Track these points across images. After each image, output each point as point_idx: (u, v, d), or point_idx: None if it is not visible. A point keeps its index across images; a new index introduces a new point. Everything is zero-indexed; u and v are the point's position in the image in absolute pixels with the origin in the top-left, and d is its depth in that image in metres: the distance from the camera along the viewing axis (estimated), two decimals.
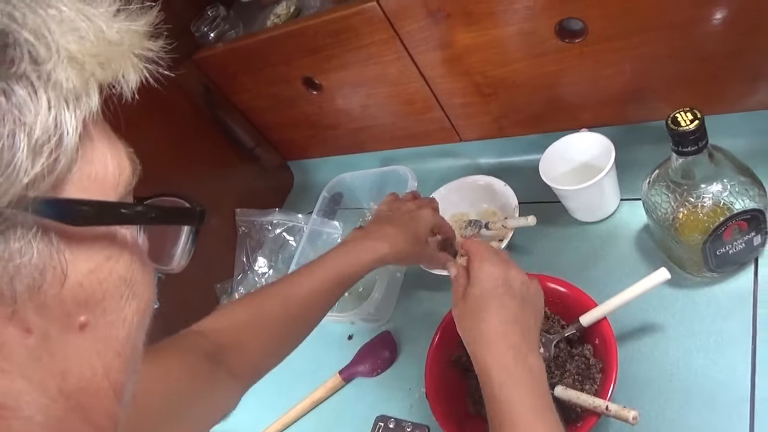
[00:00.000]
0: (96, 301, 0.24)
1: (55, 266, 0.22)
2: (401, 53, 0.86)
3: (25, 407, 0.22)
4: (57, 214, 0.22)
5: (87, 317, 0.24)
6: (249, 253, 1.12)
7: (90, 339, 0.24)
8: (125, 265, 0.26)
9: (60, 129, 0.22)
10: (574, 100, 0.84)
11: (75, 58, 0.22)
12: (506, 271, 0.61)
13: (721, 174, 0.61)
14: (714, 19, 0.66)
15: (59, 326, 0.23)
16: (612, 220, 0.83)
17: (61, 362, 0.23)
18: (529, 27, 0.75)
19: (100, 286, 0.24)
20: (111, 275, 0.25)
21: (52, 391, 0.23)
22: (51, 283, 0.22)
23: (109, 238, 0.25)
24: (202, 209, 0.30)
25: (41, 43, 0.21)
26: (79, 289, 0.24)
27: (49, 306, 0.23)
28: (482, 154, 1.03)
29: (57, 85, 0.22)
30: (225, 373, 0.60)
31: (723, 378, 0.63)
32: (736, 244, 0.65)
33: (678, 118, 0.57)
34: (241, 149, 1.19)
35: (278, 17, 0.99)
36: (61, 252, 0.23)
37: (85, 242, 0.24)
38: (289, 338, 0.68)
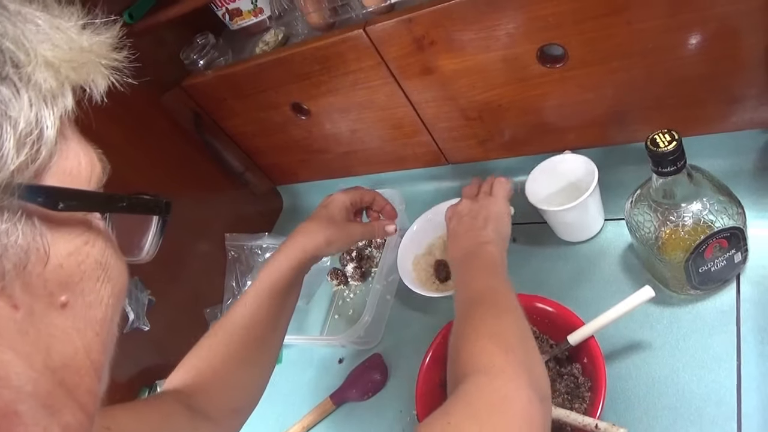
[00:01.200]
0: (75, 283, 0.27)
1: (38, 248, 0.25)
2: (388, 79, 0.88)
3: (15, 378, 0.24)
4: (39, 200, 0.25)
5: (67, 297, 0.26)
6: (239, 278, 1.12)
7: (71, 318, 0.27)
8: (100, 250, 0.28)
9: (40, 123, 0.25)
10: (558, 123, 0.86)
11: (51, 63, 0.25)
12: (454, 208, 0.76)
13: (701, 193, 0.63)
14: (687, 45, 0.68)
15: (43, 304, 0.25)
16: (597, 240, 0.85)
17: (46, 338, 0.25)
18: (511, 53, 0.77)
19: (79, 268, 0.27)
20: (88, 258, 0.27)
21: (38, 365, 0.25)
22: (35, 263, 0.25)
23: (85, 224, 0.28)
24: (168, 201, 0.33)
25: (21, 50, 0.24)
26: (60, 271, 0.26)
27: (33, 285, 0.25)
28: (469, 177, 1.04)
29: (36, 85, 0.25)
30: (201, 418, 0.61)
31: (709, 394, 0.64)
32: (717, 262, 0.66)
33: (657, 139, 0.59)
34: (230, 174, 1.20)
35: (267, 45, 1.00)
36: (43, 235, 0.25)
37: (63, 227, 0.26)
38: (250, 366, 0.67)
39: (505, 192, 0.75)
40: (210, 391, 0.63)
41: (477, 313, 0.55)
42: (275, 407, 0.96)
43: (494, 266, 0.64)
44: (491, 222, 0.70)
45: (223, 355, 0.65)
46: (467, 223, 0.71)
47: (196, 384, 0.63)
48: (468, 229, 0.70)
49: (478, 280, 0.61)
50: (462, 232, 0.70)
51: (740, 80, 0.70)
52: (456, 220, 0.74)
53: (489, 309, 0.56)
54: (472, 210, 0.73)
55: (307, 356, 1.01)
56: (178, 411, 0.59)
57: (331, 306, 1.05)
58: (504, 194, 0.74)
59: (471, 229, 0.70)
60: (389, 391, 0.87)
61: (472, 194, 0.76)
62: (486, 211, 0.71)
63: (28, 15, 0.26)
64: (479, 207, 0.72)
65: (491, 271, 0.63)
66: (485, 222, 0.70)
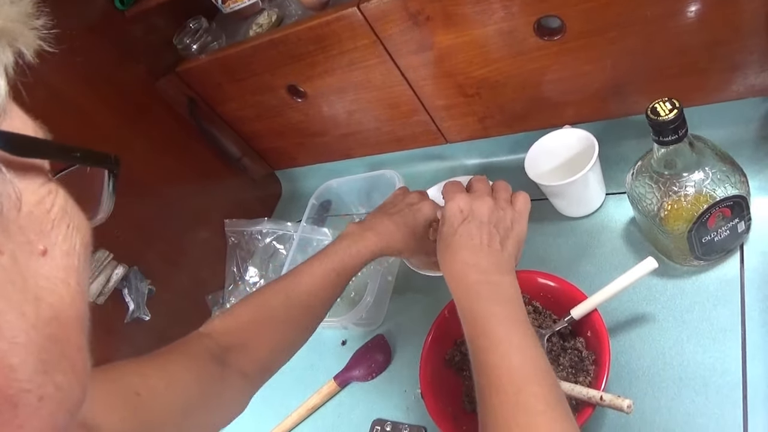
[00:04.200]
0: (48, 230, 0.27)
1: (9, 193, 0.25)
2: (384, 57, 0.87)
3: (8, 328, 0.24)
4: (5, 145, 0.25)
5: (45, 245, 0.27)
6: (239, 264, 1.12)
7: (53, 266, 0.27)
8: (63, 198, 0.29)
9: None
10: (557, 97, 0.85)
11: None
12: (471, 202, 0.60)
13: (703, 162, 0.62)
14: (687, 12, 0.67)
15: (24, 252, 0.26)
16: (599, 215, 0.84)
17: (33, 288, 0.26)
18: (508, 26, 0.76)
19: (48, 216, 0.27)
20: (54, 207, 0.28)
21: (30, 316, 0.25)
22: (9, 208, 0.25)
23: (45, 175, 0.28)
24: (117, 156, 0.33)
25: None
26: (32, 218, 0.26)
27: (11, 231, 0.25)
28: (468, 155, 1.04)
29: None
30: (234, 373, 0.61)
31: (715, 364, 0.63)
32: (720, 231, 0.66)
33: (657, 108, 0.58)
34: (228, 160, 1.19)
35: (260, 27, 0.99)
36: (11, 182, 0.25)
37: (27, 175, 0.27)
38: (295, 334, 0.70)
39: (528, 210, 0.64)
40: (252, 348, 0.64)
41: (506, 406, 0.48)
42: (280, 390, 0.96)
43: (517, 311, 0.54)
44: (513, 243, 0.60)
45: (275, 317, 0.66)
46: (486, 234, 0.58)
47: (239, 337, 0.63)
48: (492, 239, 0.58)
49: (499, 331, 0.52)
50: (484, 239, 0.57)
51: (740, 47, 0.69)
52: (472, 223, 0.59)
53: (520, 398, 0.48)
54: (493, 217, 0.60)
55: (311, 339, 1.00)
56: (211, 368, 0.59)
57: None
58: (527, 213, 0.63)
59: (492, 248, 0.57)
60: (393, 370, 0.87)
61: (487, 193, 0.62)
62: (508, 226, 0.60)
63: None
64: (503, 217, 0.60)
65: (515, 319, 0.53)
66: (505, 241, 0.59)
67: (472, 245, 0.57)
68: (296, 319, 0.68)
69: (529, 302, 0.75)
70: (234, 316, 0.65)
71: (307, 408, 0.89)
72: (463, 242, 0.58)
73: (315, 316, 0.71)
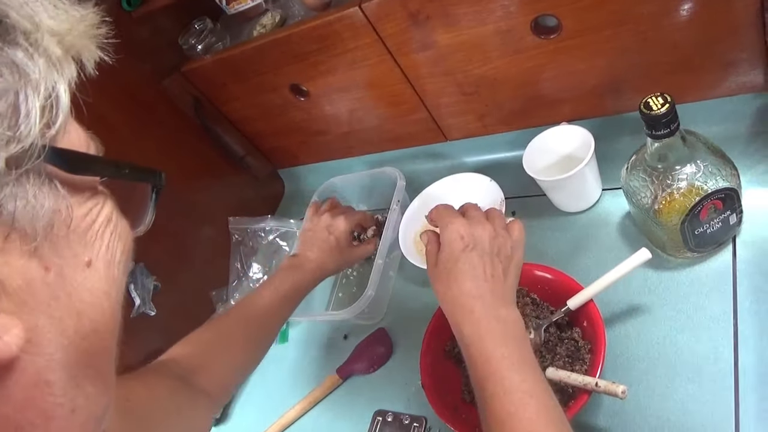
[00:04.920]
0: (92, 241, 0.28)
1: (61, 209, 0.26)
2: (385, 56, 0.89)
3: (47, 345, 0.24)
4: (61, 163, 0.25)
5: (89, 256, 0.27)
6: (243, 260, 1.14)
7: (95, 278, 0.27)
8: (109, 210, 0.29)
9: (56, 88, 0.25)
10: (554, 95, 0.87)
11: (54, 32, 0.26)
12: (472, 228, 0.58)
13: (695, 156, 0.64)
14: (681, 10, 0.69)
15: (71, 265, 0.26)
16: (595, 210, 0.86)
17: (77, 303, 0.26)
18: (506, 25, 0.78)
19: (93, 228, 0.28)
20: (100, 216, 0.28)
21: (69, 332, 0.25)
22: (60, 224, 0.26)
23: (94, 188, 0.29)
24: (162, 172, 0.34)
25: (26, 19, 0.25)
26: (79, 230, 0.27)
27: (60, 246, 0.26)
28: (468, 153, 1.05)
29: (46, 52, 0.25)
30: (199, 393, 0.65)
31: (707, 352, 0.65)
32: (713, 224, 0.67)
33: (650, 102, 0.60)
34: (232, 159, 1.21)
35: (264, 27, 1.01)
36: (65, 198, 0.26)
37: (78, 190, 0.27)
38: (251, 354, 0.77)
39: (523, 239, 0.61)
40: (212, 369, 0.69)
41: None
42: (283, 383, 0.98)
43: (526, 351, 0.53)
44: (514, 271, 0.58)
45: (227, 342, 0.73)
46: (489, 264, 0.56)
47: (200, 360, 0.68)
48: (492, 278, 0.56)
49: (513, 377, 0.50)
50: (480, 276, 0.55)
51: (732, 44, 0.71)
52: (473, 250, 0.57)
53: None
54: (495, 245, 0.58)
55: (313, 334, 1.03)
56: (180, 385, 0.64)
57: (335, 284, 1.07)
58: (523, 242, 0.61)
59: (495, 278, 0.56)
60: (394, 363, 0.89)
61: (483, 219, 0.60)
62: (509, 254, 0.58)
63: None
64: (503, 245, 0.58)
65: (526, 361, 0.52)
66: (507, 270, 0.57)
67: (474, 275, 0.55)
68: (252, 340, 0.76)
69: (527, 294, 0.77)
70: (193, 342, 0.71)
71: (310, 400, 0.91)
72: (466, 272, 0.56)
73: (267, 337, 0.79)
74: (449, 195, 0.98)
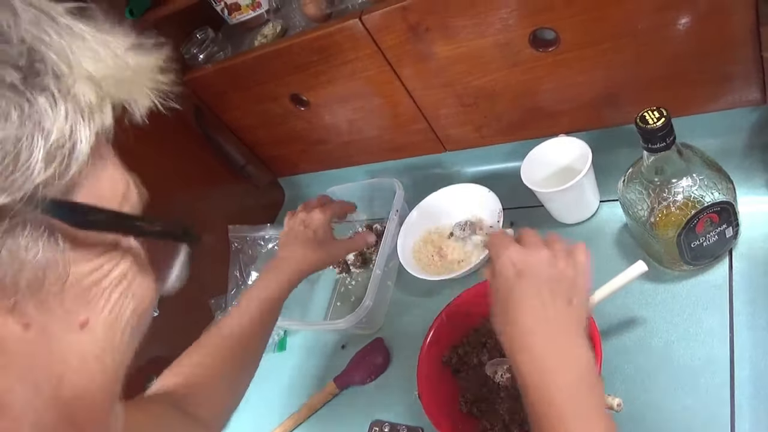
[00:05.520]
0: (95, 301, 0.26)
1: (57, 265, 0.24)
2: (384, 67, 0.90)
3: (17, 407, 0.22)
4: (65, 216, 0.24)
5: (87, 316, 0.25)
6: (242, 269, 1.14)
7: (89, 340, 0.25)
8: (124, 268, 0.27)
9: (74, 137, 0.24)
10: (552, 107, 0.87)
11: (92, 77, 0.25)
12: (525, 255, 0.54)
13: (691, 169, 0.64)
14: (677, 24, 0.70)
15: (60, 324, 0.24)
16: (593, 221, 0.86)
17: (59, 364, 0.24)
18: (504, 38, 0.79)
19: (99, 286, 0.26)
20: (110, 275, 0.26)
21: (46, 395, 0.23)
22: (53, 280, 0.24)
23: (113, 243, 0.27)
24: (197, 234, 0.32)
25: (63, 61, 0.24)
26: (80, 288, 0.25)
27: (50, 303, 0.24)
28: (466, 163, 1.06)
29: (75, 98, 0.24)
30: (193, 422, 0.63)
31: (704, 365, 0.65)
32: (709, 237, 0.68)
33: (646, 116, 0.60)
34: (232, 167, 1.21)
35: (265, 38, 1.02)
36: (65, 252, 0.24)
37: (89, 245, 0.25)
38: (239, 372, 0.72)
39: (589, 265, 0.56)
40: (202, 394, 0.65)
41: None
42: (281, 392, 0.98)
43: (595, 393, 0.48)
44: (578, 301, 0.52)
45: (215, 360, 0.69)
46: (548, 292, 0.51)
47: (189, 387, 0.65)
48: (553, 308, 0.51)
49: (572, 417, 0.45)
50: (538, 307, 0.51)
51: (729, 58, 0.71)
52: (527, 279, 0.52)
53: None
54: (553, 272, 0.52)
55: (311, 343, 1.03)
56: (170, 414, 0.61)
57: (334, 293, 1.07)
58: (589, 267, 0.55)
59: (556, 308, 0.51)
60: (391, 373, 0.89)
61: (540, 243, 0.56)
62: (572, 282, 0.53)
63: (77, 29, 0.26)
64: (564, 270, 0.53)
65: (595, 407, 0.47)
66: (570, 299, 0.52)
67: (531, 308, 0.51)
68: (237, 359, 0.71)
69: None
70: (182, 368, 0.68)
71: (307, 409, 0.91)
72: (521, 303, 0.51)
73: (254, 350, 0.75)
74: (448, 205, 0.98)
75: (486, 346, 0.77)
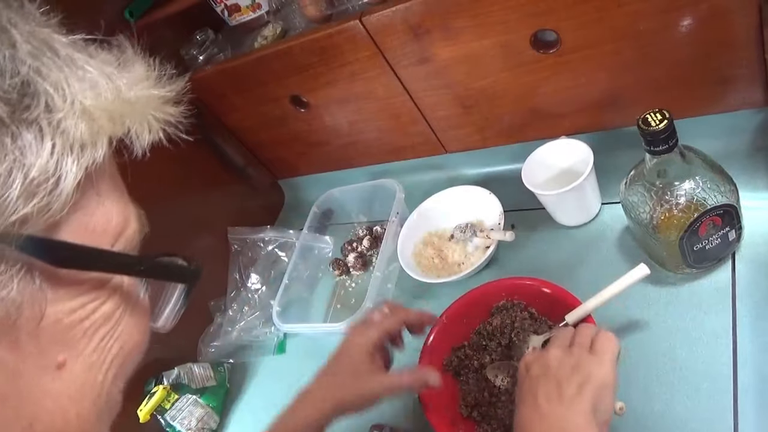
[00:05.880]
0: (75, 341, 0.25)
1: (33, 304, 0.23)
2: (385, 69, 0.89)
3: None
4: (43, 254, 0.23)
5: (65, 356, 0.24)
6: (242, 270, 1.14)
7: (66, 381, 0.24)
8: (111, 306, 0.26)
9: (58, 173, 0.23)
10: (553, 109, 0.87)
11: (88, 111, 0.24)
12: (541, 354, 0.56)
13: (693, 172, 0.64)
14: (680, 26, 0.69)
15: (33, 365, 0.23)
16: (594, 224, 0.86)
17: (31, 406, 0.23)
18: (505, 39, 0.78)
19: (81, 325, 0.25)
20: (94, 314, 0.25)
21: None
22: (27, 319, 0.23)
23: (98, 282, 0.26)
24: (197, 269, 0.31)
25: (58, 94, 0.23)
26: (58, 328, 0.24)
27: (22, 342, 0.23)
28: (467, 165, 1.05)
29: (65, 133, 0.23)
30: None
31: (706, 370, 0.64)
32: (712, 239, 0.67)
33: (648, 118, 0.60)
34: (232, 169, 1.21)
35: (265, 39, 1.02)
36: (42, 291, 0.23)
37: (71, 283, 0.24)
38: None
39: (614, 352, 0.54)
40: None
41: None
42: (280, 396, 0.96)
43: None
44: (589, 390, 0.50)
45: None
46: (553, 383, 0.52)
47: None
48: (553, 394, 0.51)
49: None
50: (543, 395, 0.51)
51: (732, 60, 0.71)
52: (537, 374, 0.54)
53: None
54: (563, 365, 0.53)
55: (311, 346, 1.02)
56: None
57: (333, 296, 1.06)
58: (612, 355, 0.54)
59: (558, 395, 0.51)
60: None
61: (564, 342, 0.57)
62: (584, 373, 0.52)
63: (78, 60, 0.25)
64: (575, 363, 0.53)
65: None
66: (580, 388, 0.50)
67: (531, 401, 0.52)
68: None
69: (525, 308, 0.76)
70: None
71: None
72: (526, 398, 0.53)
73: None
74: (448, 208, 0.98)
75: (487, 349, 0.76)
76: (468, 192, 0.96)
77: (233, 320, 1.07)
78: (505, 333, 0.75)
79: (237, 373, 1.05)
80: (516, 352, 0.73)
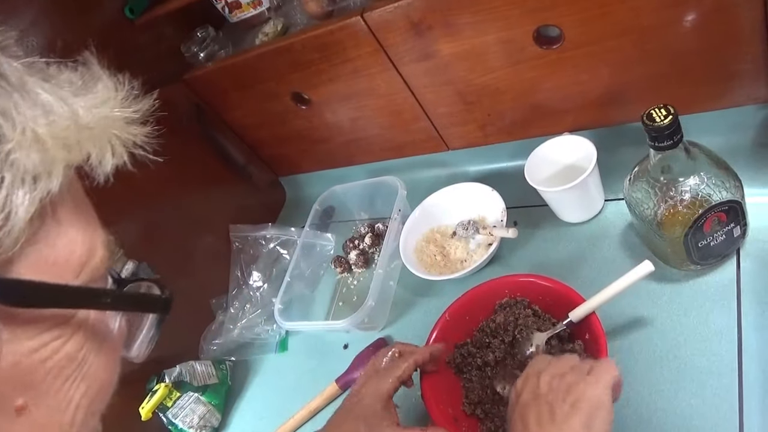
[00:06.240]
0: (37, 383, 0.23)
1: None
2: (387, 65, 0.89)
3: None
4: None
5: (25, 400, 0.22)
6: (243, 268, 1.13)
7: (26, 426, 0.23)
8: (76, 344, 0.24)
9: (8, 208, 0.21)
10: (556, 105, 0.87)
11: (40, 139, 0.22)
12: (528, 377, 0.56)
13: (698, 168, 0.63)
14: (684, 21, 0.69)
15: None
16: (598, 220, 0.85)
17: None
18: (507, 35, 0.78)
19: (43, 366, 0.23)
20: (57, 354, 0.24)
21: None
22: None
23: (63, 317, 0.24)
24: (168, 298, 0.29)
25: (8, 123, 0.21)
26: (16, 370, 0.22)
27: None
28: (469, 162, 1.05)
29: (14, 165, 0.21)
30: None
31: (711, 367, 0.64)
32: (716, 236, 0.67)
33: (653, 114, 0.59)
34: (233, 167, 1.21)
35: (266, 36, 1.01)
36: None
37: (30, 321, 0.23)
38: None
39: (611, 377, 0.52)
40: None
41: None
42: (282, 393, 0.97)
43: None
44: (582, 411, 0.49)
45: None
46: (545, 408, 0.51)
47: None
48: (545, 417, 0.50)
49: None
50: (533, 420, 0.50)
51: (736, 55, 0.70)
52: (527, 399, 0.53)
53: None
54: (554, 387, 0.52)
55: (313, 343, 1.02)
56: None
57: (336, 293, 1.06)
58: (608, 379, 0.51)
59: (551, 417, 0.49)
60: None
61: (559, 371, 0.55)
62: (576, 394, 0.50)
63: (29, 85, 0.23)
64: (567, 385, 0.52)
65: None
66: (573, 409, 0.49)
67: (521, 428, 0.51)
68: None
69: (529, 305, 0.76)
70: None
71: (309, 410, 0.90)
72: (515, 425, 0.53)
73: None
74: (451, 204, 0.97)
75: (490, 347, 0.76)
76: (470, 189, 0.95)
77: (235, 318, 1.06)
78: (508, 330, 0.74)
79: (239, 370, 1.05)
80: (519, 349, 0.73)
